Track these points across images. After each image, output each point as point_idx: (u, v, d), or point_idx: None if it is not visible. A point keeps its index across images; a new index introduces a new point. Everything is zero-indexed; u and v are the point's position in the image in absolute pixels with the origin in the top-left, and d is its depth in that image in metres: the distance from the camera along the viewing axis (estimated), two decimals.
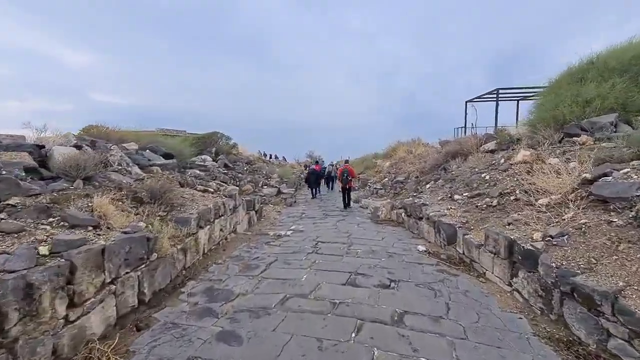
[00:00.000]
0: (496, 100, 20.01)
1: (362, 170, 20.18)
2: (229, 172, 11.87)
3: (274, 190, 12.15)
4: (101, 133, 7.61)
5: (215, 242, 5.45)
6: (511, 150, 7.37)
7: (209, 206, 5.18)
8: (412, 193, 9.81)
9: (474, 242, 4.42)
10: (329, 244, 5.94)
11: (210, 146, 12.81)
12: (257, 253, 5.40)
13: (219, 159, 12.14)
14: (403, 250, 5.49)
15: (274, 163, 21.43)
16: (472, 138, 9.77)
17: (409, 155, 14.90)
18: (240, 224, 7.02)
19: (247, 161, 13.87)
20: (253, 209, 8.18)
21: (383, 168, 15.77)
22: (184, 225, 4.38)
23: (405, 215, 7.40)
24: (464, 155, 9.30)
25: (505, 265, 3.74)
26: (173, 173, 6.26)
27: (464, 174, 7.46)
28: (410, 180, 11.05)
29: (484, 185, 5.98)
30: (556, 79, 8.49)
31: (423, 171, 10.68)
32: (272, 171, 14.03)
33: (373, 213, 8.69)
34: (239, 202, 6.94)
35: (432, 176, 9.67)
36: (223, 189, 7.61)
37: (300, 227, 7.68)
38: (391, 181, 12.29)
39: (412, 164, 12.35)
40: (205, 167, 10.69)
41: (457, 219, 5.37)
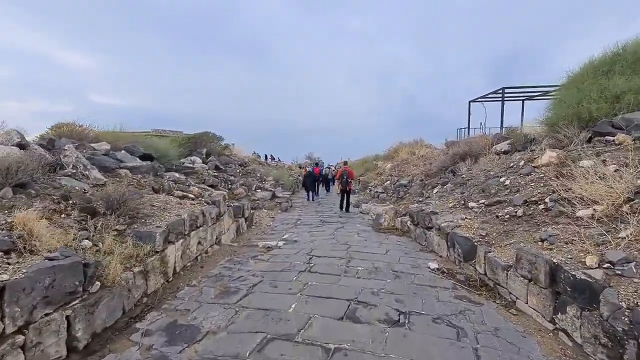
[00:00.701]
0: (502, 99, 19.27)
1: (362, 172, 19.41)
2: (220, 174, 11.08)
3: (268, 194, 11.36)
4: (73, 132, 6.83)
5: (192, 258, 4.65)
6: (529, 152, 6.59)
7: (183, 216, 4.38)
8: (417, 198, 9.03)
9: (500, 262, 3.63)
10: (325, 258, 5.14)
11: (201, 147, 12.03)
12: (241, 271, 4.60)
13: (209, 160, 11.36)
14: (411, 267, 4.69)
15: (271, 165, 20.64)
16: (482, 138, 9.00)
17: (411, 157, 14.13)
18: (226, 233, 6.23)
19: (240, 163, 13.09)
20: (242, 216, 7.39)
21: (384, 170, 14.99)
22: (147, 242, 3.59)
23: (412, 223, 6.61)
24: (474, 157, 8.53)
25: (546, 297, 2.94)
26: (147, 177, 5.48)
27: (477, 177, 6.68)
28: (414, 183, 10.27)
29: (504, 192, 5.19)
30: (577, 73, 7.73)
31: (428, 174, 9.89)
32: (267, 174, 13.25)
33: (375, 220, 7.90)
34: (224, 208, 6.15)
35: (439, 179, 8.89)
36: (208, 193, 6.81)
37: (294, 237, 6.89)
38: (393, 184, 11.50)
39: (416, 166, 11.57)
40: (193, 170, 9.90)
41: (474, 231, 4.58)
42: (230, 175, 11.56)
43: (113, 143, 7.40)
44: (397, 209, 8.78)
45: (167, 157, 9.17)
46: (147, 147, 8.34)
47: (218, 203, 5.87)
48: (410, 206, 7.86)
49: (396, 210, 8.70)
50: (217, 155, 12.25)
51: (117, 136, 8.15)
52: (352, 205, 11.99)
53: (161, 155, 9.05)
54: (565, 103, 7.05)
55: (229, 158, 12.90)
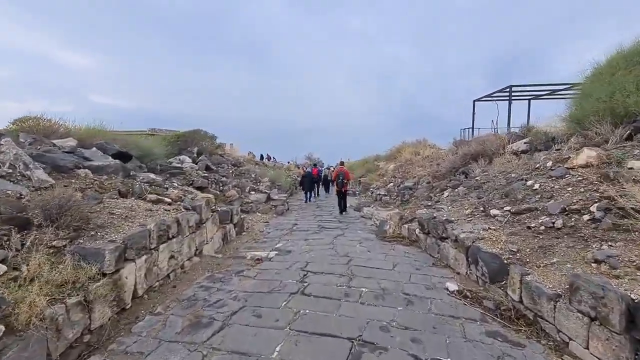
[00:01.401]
0: (509, 98, 18.51)
1: (363, 173, 18.64)
2: (211, 175, 10.30)
3: (262, 197, 10.57)
4: (38, 127, 6.05)
5: (161, 276, 3.86)
6: (555, 151, 5.82)
7: (149, 227, 3.59)
8: (424, 202, 8.25)
9: (545, 289, 2.84)
10: (322, 275, 4.35)
11: (192, 145, 11.25)
12: (221, 292, 3.82)
13: (200, 160, 10.57)
14: (425, 288, 3.90)
15: (268, 165, 19.86)
16: (496, 137, 8.22)
17: (415, 157, 13.36)
18: (209, 243, 5.44)
19: (234, 163, 12.30)
20: (230, 222, 6.60)
21: (387, 171, 14.21)
22: (94, 261, 2.81)
23: (421, 232, 5.82)
24: (488, 157, 7.75)
25: (621, 345, 2.16)
26: (114, 178, 4.69)
27: (496, 180, 5.90)
28: (420, 186, 9.49)
29: (533, 197, 4.40)
30: (604, 64, 6.96)
31: (436, 176, 9.11)
32: (262, 174, 12.47)
33: (379, 227, 7.11)
34: (206, 214, 5.36)
35: (448, 182, 8.11)
36: (191, 197, 6.03)
37: (288, 246, 6.10)
38: (397, 186, 10.72)
39: (422, 167, 10.79)
40: (180, 170, 9.12)
41: (502, 246, 3.79)
42: (222, 176, 10.77)
43: (88, 140, 6.62)
44: (403, 214, 8.00)
45: (151, 156, 8.39)
46: (127, 145, 7.56)
47: (199, 208, 5.08)
48: (417, 211, 7.07)
49: (401, 215, 7.92)
50: (208, 155, 11.47)
51: (92, 133, 7.34)
52: (353, 209, 11.22)
53: (144, 154, 8.27)
54: (593, 97, 6.28)
55: (222, 157, 12.12)
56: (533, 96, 21.18)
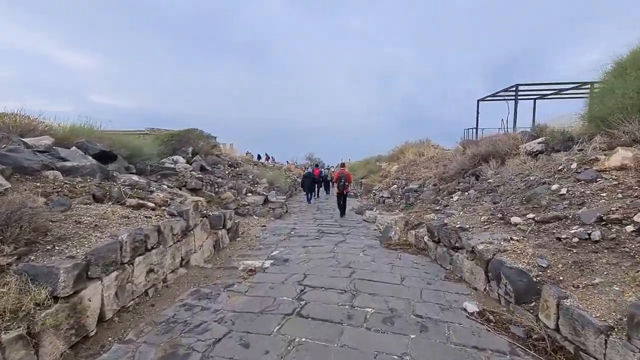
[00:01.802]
0: (515, 97, 18.00)
1: (364, 174, 18.14)
2: (206, 176, 9.82)
3: (260, 199, 10.09)
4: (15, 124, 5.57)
5: (137, 294, 3.37)
6: (577, 152, 5.32)
7: (120, 237, 3.10)
8: (431, 205, 7.75)
9: (591, 319, 2.34)
10: (322, 291, 3.86)
11: (186, 145, 10.78)
12: (205, 312, 3.33)
13: (194, 160, 10.10)
14: (440, 308, 3.40)
15: (267, 165, 19.37)
16: (508, 137, 7.72)
17: (419, 158, 12.86)
18: (198, 251, 4.95)
19: (230, 163, 11.82)
20: (223, 227, 6.12)
21: (390, 172, 13.71)
22: (47, 283, 2.32)
23: (431, 240, 5.32)
24: (499, 158, 7.25)
25: None
26: (89, 180, 4.20)
27: (512, 183, 5.40)
28: (426, 188, 8.99)
29: (560, 204, 3.90)
30: (626, 59, 6.46)
31: (443, 177, 8.61)
32: (260, 175, 11.98)
33: (383, 233, 6.61)
34: (194, 220, 4.88)
35: (457, 184, 7.61)
36: (180, 200, 5.55)
37: (285, 254, 5.62)
38: (401, 188, 10.22)
39: (427, 169, 10.28)
40: (173, 171, 8.64)
41: (528, 260, 3.30)
42: (218, 177, 10.29)
43: (72, 139, 6.14)
44: (408, 218, 7.50)
45: (140, 156, 7.91)
46: (115, 144, 7.08)
47: (186, 214, 4.59)
48: (425, 216, 6.58)
49: (407, 220, 7.41)
50: (204, 155, 10.99)
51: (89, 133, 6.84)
52: (355, 212, 10.74)
53: (133, 154, 7.79)
54: (617, 93, 5.78)
55: (218, 158, 11.65)
56: (539, 95, 20.69)
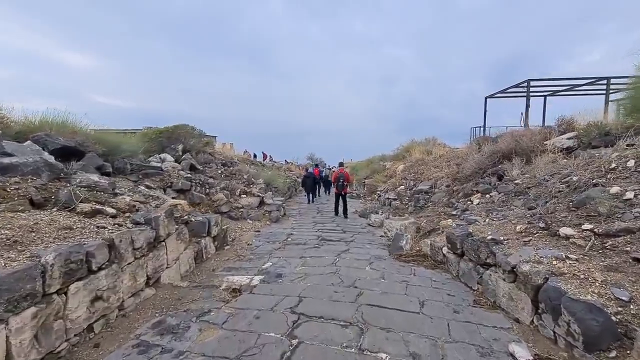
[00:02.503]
0: (527, 93, 17.11)
1: (368, 174, 17.30)
2: (196, 176, 8.98)
3: (255, 201, 9.25)
4: None
5: (76, 331, 2.54)
6: (627, 147, 4.45)
7: (44, 259, 2.27)
8: (444, 208, 6.90)
9: None
10: (321, 323, 3.01)
11: (176, 142, 9.95)
12: (165, 356, 2.49)
13: (183, 158, 9.27)
14: (479, 354, 2.54)
15: (266, 165, 18.53)
16: (533, 132, 6.86)
17: (427, 157, 11.99)
18: (172, 266, 4.12)
19: (224, 162, 10.99)
20: (207, 235, 5.29)
21: (395, 172, 12.84)
22: None
23: (452, 253, 4.46)
24: (524, 156, 6.39)
25: None
26: (30, 180, 3.37)
27: (549, 184, 4.53)
28: (438, 189, 8.12)
29: (628, 212, 3.04)
30: None
31: (457, 178, 7.75)
32: (257, 175, 11.15)
33: (393, 242, 5.75)
34: (166, 229, 4.03)
35: (474, 185, 6.75)
36: (158, 203, 4.73)
37: (279, 266, 4.79)
38: (409, 189, 9.36)
39: (437, 168, 9.41)
40: (158, 170, 7.82)
41: (598, 290, 2.44)
42: (209, 177, 9.45)
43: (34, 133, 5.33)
44: (419, 223, 6.65)
45: (120, 153, 7.08)
46: (87, 140, 6.26)
47: (155, 221, 3.75)
48: (441, 222, 5.72)
49: (418, 226, 6.57)
50: (195, 153, 10.16)
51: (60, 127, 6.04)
52: (358, 214, 9.89)
53: (111, 151, 6.96)
54: None
55: (211, 156, 10.82)
56: (550, 92, 19.79)
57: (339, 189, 9.40)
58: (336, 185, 9.47)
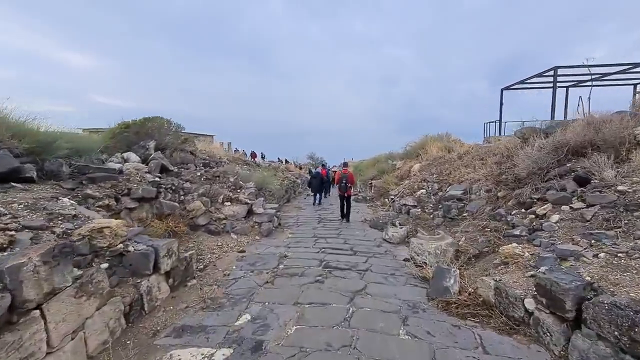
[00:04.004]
0: (554, 83, 15.22)
1: (374, 174, 15.48)
2: (168, 179, 7.20)
3: (241, 210, 7.45)
4: None
5: None
6: None
7: None
8: (490, 222, 5.12)
9: None
10: None
11: (147, 139, 8.18)
12: None
13: (152, 158, 7.48)
14: None
15: (262, 165, 16.72)
16: (616, 118, 5.03)
17: (449, 155, 10.16)
18: (65, 347, 2.32)
19: (206, 162, 9.19)
20: (155, 271, 3.50)
21: (410, 172, 11.03)
22: None
23: (549, 312, 2.64)
24: (609, 150, 4.56)
25: None
26: None
27: None
28: (474, 195, 6.31)
29: None
30: None
31: (501, 180, 5.93)
32: (246, 177, 9.35)
33: (434, 281, 3.86)
34: (50, 283, 2.23)
35: (533, 191, 4.92)
36: (65, 229, 2.96)
37: (261, 325, 3.02)
38: (433, 194, 7.55)
39: (469, 167, 7.58)
40: (112, 172, 6.03)
41: None
42: (186, 180, 7.67)
43: None
44: (458, 242, 4.86)
45: (54, 152, 5.30)
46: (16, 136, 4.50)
47: (12, 276, 1.96)
48: (502, 248, 3.90)
49: (458, 248, 4.78)
50: (170, 151, 8.39)
51: None
52: (369, 224, 8.12)
53: (45, 149, 5.18)
54: None
55: (191, 155, 9.05)
56: (574, 82, 17.91)
57: (341, 190, 8.77)
58: (339, 187, 8.88)
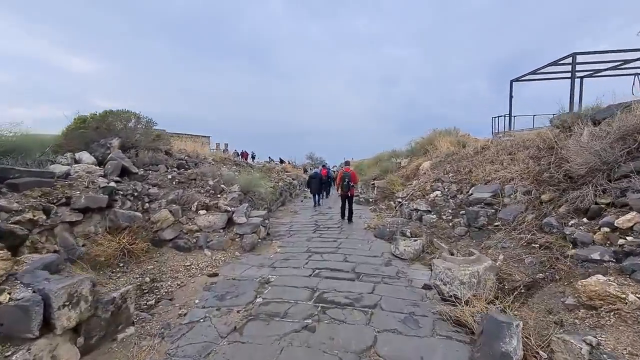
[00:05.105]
0: (572, 72, 13.91)
1: (377, 174, 14.18)
2: (129, 184, 5.92)
3: (219, 220, 6.15)
4: None
5: None
6: None
7: None
8: (537, 235, 3.88)
9: None
10: None
11: (110, 136, 6.89)
12: None
13: (111, 158, 6.19)
14: None
15: (254, 166, 15.42)
16: None
17: (463, 150, 8.86)
18: None
19: (180, 163, 7.89)
20: (47, 331, 2.19)
21: (418, 171, 9.73)
22: None
23: None
24: None
25: None
26: None
27: None
28: (509, 198, 5.00)
29: None
30: None
31: (544, 179, 4.64)
32: (229, 180, 8.06)
33: (485, 342, 2.57)
34: None
35: (599, 194, 3.64)
36: None
37: None
38: (452, 197, 6.25)
39: (495, 164, 6.27)
40: (49, 176, 4.76)
41: None
42: (153, 184, 6.38)
43: None
44: (496, 264, 3.59)
45: None
46: None
47: None
48: (583, 284, 2.61)
49: (498, 272, 3.51)
50: (136, 151, 7.07)
51: None
52: (375, 234, 6.83)
53: None
54: None
55: (165, 155, 7.76)
56: (591, 71, 16.59)
57: (344, 189, 8.36)
58: (341, 186, 8.43)
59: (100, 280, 4.42)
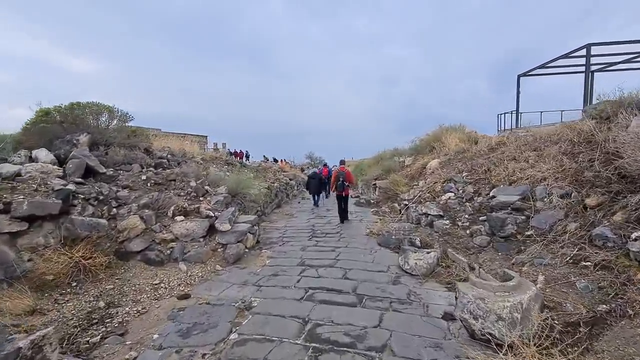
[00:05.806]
0: (587, 64, 13.09)
1: (378, 174, 13.36)
2: (93, 186, 5.09)
3: (199, 227, 5.32)
4: None
5: None
6: None
7: None
8: (588, 251, 2.98)
9: None
10: None
11: (77, 132, 6.07)
12: None
13: (73, 156, 5.36)
14: None
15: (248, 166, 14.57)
16: None
17: (475, 147, 8.02)
18: None
19: (160, 162, 7.06)
20: None
21: (424, 171, 8.90)
22: None
23: None
24: None
25: None
26: None
27: None
28: (544, 202, 4.17)
29: None
30: None
31: (587, 179, 3.81)
32: (215, 181, 7.23)
33: None
34: None
35: None
36: None
37: None
38: (468, 200, 5.42)
39: (519, 161, 5.43)
40: None
41: None
42: (123, 186, 5.54)
43: None
44: (541, 295, 2.74)
45: None
46: None
47: None
48: None
49: (540, 304, 2.66)
50: (106, 147, 6.23)
51: None
52: (379, 242, 6.00)
53: None
54: None
55: (142, 153, 6.92)
56: (605, 64, 15.73)
57: (339, 189, 8.22)
58: (336, 186, 8.28)
59: (41, 306, 3.60)
